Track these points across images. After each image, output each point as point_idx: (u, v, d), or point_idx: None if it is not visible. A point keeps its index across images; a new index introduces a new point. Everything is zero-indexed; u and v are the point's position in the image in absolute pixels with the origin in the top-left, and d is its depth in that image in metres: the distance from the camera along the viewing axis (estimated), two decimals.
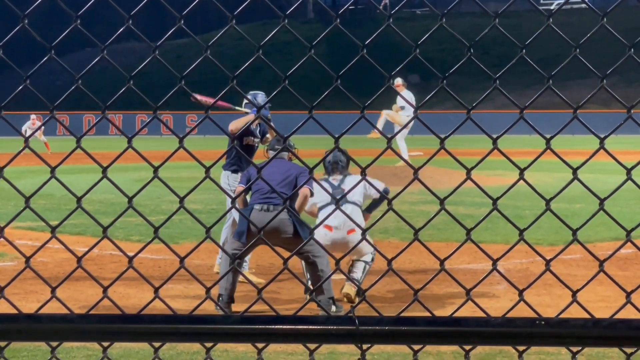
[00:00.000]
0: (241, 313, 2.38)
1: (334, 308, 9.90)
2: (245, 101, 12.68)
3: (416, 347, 2.56)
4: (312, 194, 10.54)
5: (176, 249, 2.81)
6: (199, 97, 12.37)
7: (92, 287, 10.76)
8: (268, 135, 12.34)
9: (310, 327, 2.31)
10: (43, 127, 38.83)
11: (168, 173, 2.69)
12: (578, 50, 2.69)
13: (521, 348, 2.61)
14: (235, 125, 11.66)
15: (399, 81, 25.77)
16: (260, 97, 12.33)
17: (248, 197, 10.93)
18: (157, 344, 2.48)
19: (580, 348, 2.63)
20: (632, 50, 2.66)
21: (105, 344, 2.44)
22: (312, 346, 2.54)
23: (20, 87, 2.47)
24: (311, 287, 9.69)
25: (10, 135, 27.59)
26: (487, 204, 2.71)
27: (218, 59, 2.67)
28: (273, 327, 2.30)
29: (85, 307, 9.65)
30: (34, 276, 2.87)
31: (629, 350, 2.57)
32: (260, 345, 2.44)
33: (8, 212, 17.95)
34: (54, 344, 2.46)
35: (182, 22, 2.46)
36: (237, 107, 12.50)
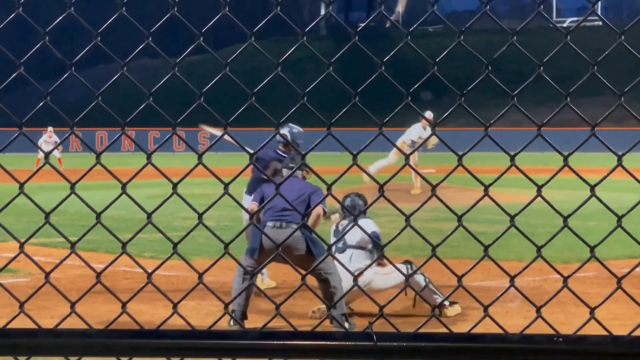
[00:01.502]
0: (259, 329, 2.39)
1: (346, 325, 9.88)
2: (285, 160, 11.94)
3: None
4: (325, 213, 10.52)
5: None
6: (206, 127, 12.64)
7: (104, 303, 10.75)
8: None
9: (329, 342, 2.31)
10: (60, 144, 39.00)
11: (181, 190, 2.70)
12: (596, 67, 2.70)
13: None
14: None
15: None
16: (296, 130, 12.29)
17: (260, 215, 10.91)
18: (175, 359, 2.48)
19: None
20: None
21: (124, 359, 2.45)
22: None
23: (41, 104, 2.49)
24: (327, 304, 9.67)
25: (24, 151, 27.74)
26: (500, 221, 2.73)
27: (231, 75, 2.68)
28: (291, 342, 2.31)
29: (98, 323, 9.61)
30: (47, 292, 2.88)
31: None
32: None
33: (22, 229, 17.93)
34: (73, 359, 2.47)
35: (202, 39, 2.47)
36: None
